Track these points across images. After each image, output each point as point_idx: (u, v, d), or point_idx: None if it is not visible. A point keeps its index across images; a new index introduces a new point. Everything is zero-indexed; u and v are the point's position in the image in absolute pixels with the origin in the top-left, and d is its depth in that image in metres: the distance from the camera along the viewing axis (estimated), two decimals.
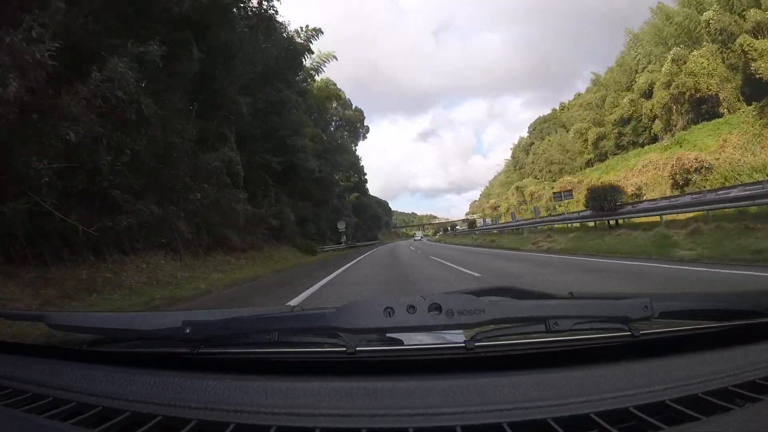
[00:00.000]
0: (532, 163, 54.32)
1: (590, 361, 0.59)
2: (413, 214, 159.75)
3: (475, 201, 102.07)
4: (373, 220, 53.70)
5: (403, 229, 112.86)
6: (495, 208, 56.79)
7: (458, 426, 0.48)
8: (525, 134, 63.10)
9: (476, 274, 7.01)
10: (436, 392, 0.53)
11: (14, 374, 0.69)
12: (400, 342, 0.65)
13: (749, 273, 4.73)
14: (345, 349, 0.59)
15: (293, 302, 4.94)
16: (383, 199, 78.69)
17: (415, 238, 72.50)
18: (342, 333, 0.60)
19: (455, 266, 8.82)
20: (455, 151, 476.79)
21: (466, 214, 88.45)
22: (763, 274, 4.55)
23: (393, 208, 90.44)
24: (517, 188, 49.52)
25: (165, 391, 0.59)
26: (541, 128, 57.19)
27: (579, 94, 57.63)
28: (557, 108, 59.40)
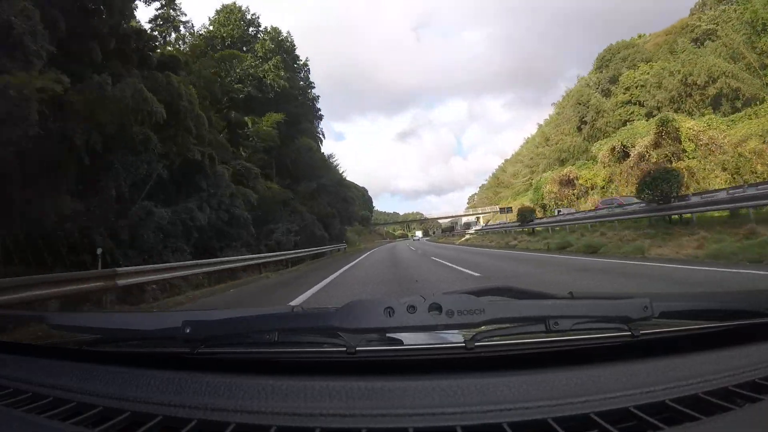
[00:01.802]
0: (626, 104, 33.71)
1: (590, 361, 0.59)
2: (395, 213, 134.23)
3: (475, 194, 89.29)
4: (336, 201, 28.92)
5: (388, 228, 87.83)
6: (568, 181, 31.90)
7: (458, 426, 0.48)
8: (583, 74, 42.87)
9: None
10: (436, 392, 0.53)
11: (14, 374, 0.69)
12: (400, 342, 0.65)
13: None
14: (345, 349, 0.59)
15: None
16: (361, 186, 59.43)
17: (414, 237, 71.02)
18: (342, 333, 0.60)
19: None
20: (435, 152, 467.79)
21: (466, 210, 76.60)
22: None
23: (373, 207, 69.80)
24: (663, 124, 23.26)
25: (165, 391, 0.59)
26: (622, 56, 37.53)
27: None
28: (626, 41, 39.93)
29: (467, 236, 37.17)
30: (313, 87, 31.71)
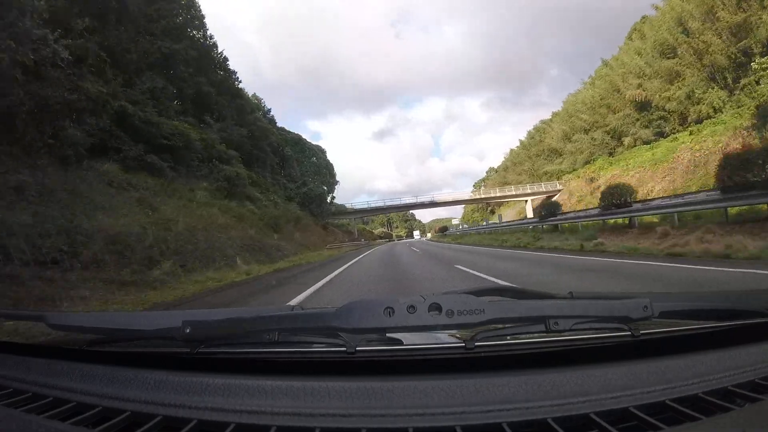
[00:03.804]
0: None
1: (590, 361, 0.59)
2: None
3: (483, 180, 68.64)
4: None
5: (360, 224, 58.88)
6: None
7: (458, 426, 0.48)
8: None
9: None
10: (436, 392, 0.53)
11: (14, 374, 0.69)
12: (399, 342, 0.65)
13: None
14: (345, 348, 0.59)
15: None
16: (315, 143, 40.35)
17: (414, 237, 68.10)
18: (342, 333, 0.60)
19: None
20: (413, 153, 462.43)
21: (473, 192, 51.86)
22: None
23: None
24: None
25: (165, 391, 0.59)
26: None
27: None
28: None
29: None
30: None
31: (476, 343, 0.58)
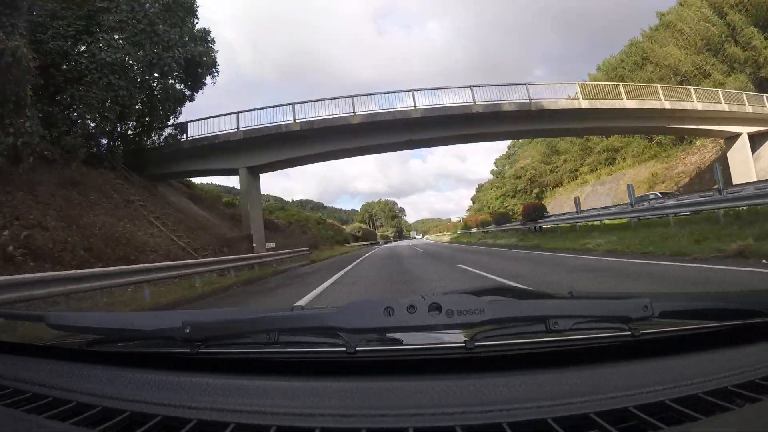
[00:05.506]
0: None
1: (590, 361, 0.59)
2: (354, 211, 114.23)
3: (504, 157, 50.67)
4: None
5: (346, 224, 50.43)
6: None
7: (458, 426, 0.48)
8: None
9: None
10: (436, 392, 0.53)
11: (14, 374, 0.69)
12: (400, 342, 0.65)
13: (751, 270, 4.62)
14: (345, 349, 0.59)
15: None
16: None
17: (415, 237, 67.66)
18: (342, 333, 0.60)
19: None
20: (394, 153, 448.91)
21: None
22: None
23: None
24: None
25: (165, 391, 0.59)
26: None
27: None
28: None
29: None
30: None
31: (476, 343, 0.58)
